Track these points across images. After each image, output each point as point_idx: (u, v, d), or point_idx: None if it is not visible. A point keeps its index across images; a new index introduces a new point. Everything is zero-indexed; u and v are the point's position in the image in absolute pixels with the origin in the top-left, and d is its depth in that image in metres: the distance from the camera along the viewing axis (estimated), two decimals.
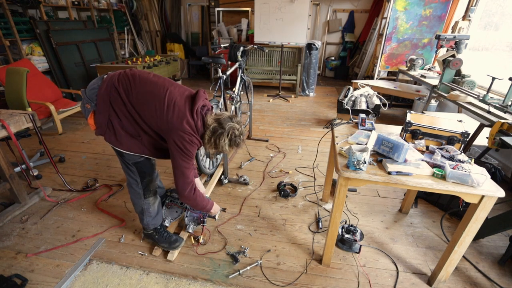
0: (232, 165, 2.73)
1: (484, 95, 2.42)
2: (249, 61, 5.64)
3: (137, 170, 1.49)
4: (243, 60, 2.84)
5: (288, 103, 4.79)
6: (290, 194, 2.24)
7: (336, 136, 1.63)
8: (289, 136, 3.41)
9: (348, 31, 6.25)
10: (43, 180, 2.46)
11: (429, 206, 2.17)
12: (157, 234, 1.69)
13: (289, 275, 1.58)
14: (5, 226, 1.91)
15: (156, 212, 1.66)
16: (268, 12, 4.54)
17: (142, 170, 1.50)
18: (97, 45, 4.84)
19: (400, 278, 1.57)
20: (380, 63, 4.49)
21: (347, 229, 1.78)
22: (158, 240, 1.69)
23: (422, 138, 1.48)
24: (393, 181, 1.23)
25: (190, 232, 1.77)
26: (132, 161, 1.45)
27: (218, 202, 2.18)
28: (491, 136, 1.78)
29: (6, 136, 1.75)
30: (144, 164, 1.49)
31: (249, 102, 3.21)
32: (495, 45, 3.43)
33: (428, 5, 3.97)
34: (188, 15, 6.77)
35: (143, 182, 1.54)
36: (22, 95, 2.51)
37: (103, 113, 1.31)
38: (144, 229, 1.72)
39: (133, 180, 1.53)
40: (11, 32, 3.60)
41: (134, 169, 1.48)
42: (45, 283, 1.52)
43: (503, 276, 1.59)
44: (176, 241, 1.70)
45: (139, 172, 1.50)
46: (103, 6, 5.27)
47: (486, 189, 1.16)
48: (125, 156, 1.42)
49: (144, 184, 1.55)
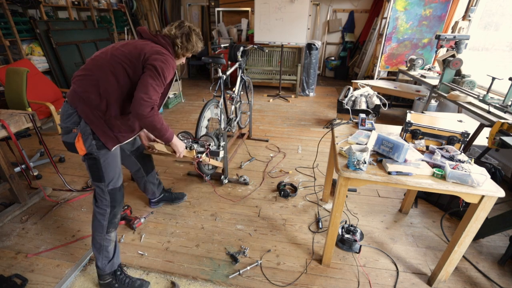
0: (232, 165, 2.73)
1: (484, 95, 2.42)
2: (249, 61, 5.64)
3: (110, 199, 1.39)
4: (243, 60, 2.84)
5: (288, 103, 4.79)
6: (290, 194, 2.24)
7: (336, 136, 1.63)
8: (289, 136, 3.41)
9: (348, 31, 6.25)
10: (43, 180, 2.46)
11: (429, 206, 2.17)
12: (116, 282, 1.47)
13: (289, 275, 1.58)
14: (5, 226, 1.91)
15: (113, 251, 1.47)
16: (268, 12, 4.54)
17: (114, 198, 1.40)
18: (97, 45, 4.84)
19: (400, 278, 1.57)
20: (380, 63, 4.49)
21: (347, 229, 1.78)
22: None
23: (422, 138, 1.48)
24: (393, 181, 1.23)
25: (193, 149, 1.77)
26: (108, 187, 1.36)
27: (218, 203, 2.18)
28: (491, 136, 1.77)
29: (6, 136, 1.75)
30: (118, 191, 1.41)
31: (249, 102, 3.21)
32: (495, 45, 3.43)
33: (428, 5, 3.97)
34: (188, 15, 6.77)
35: (111, 212, 1.41)
36: (22, 95, 2.51)
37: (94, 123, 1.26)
38: (99, 276, 1.47)
39: (102, 210, 1.40)
40: (11, 32, 3.60)
41: (108, 197, 1.38)
42: (45, 283, 1.52)
43: (503, 276, 1.59)
44: (142, 285, 1.48)
45: (111, 200, 1.40)
46: (103, 6, 5.27)
47: (486, 189, 1.16)
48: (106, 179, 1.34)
49: (111, 215, 1.42)
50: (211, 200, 2.20)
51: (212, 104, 2.36)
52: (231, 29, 5.87)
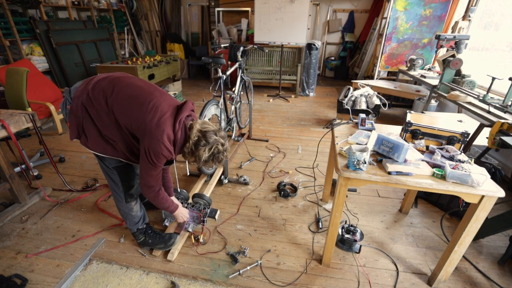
0: (232, 165, 2.73)
1: (484, 95, 2.42)
2: (249, 61, 5.64)
3: (118, 173, 1.46)
4: (243, 60, 2.84)
5: (288, 103, 4.79)
6: (290, 194, 2.24)
7: (336, 136, 1.63)
8: (289, 136, 3.41)
9: (348, 31, 6.25)
10: (43, 180, 2.46)
11: (429, 206, 2.17)
12: (149, 238, 1.68)
13: (289, 275, 1.58)
14: (5, 226, 1.91)
15: (140, 216, 1.65)
16: (268, 12, 4.54)
17: (123, 173, 1.48)
18: (97, 45, 4.84)
19: (400, 278, 1.57)
20: (380, 63, 4.49)
21: (347, 229, 1.78)
22: (153, 243, 1.68)
23: (422, 138, 1.48)
24: (393, 181, 1.23)
25: (190, 232, 1.77)
26: (112, 164, 1.43)
27: (218, 203, 2.18)
28: (491, 136, 1.78)
29: (6, 136, 1.75)
30: (125, 167, 1.46)
31: (249, 102, 3.21)
32: (495, 45, 3.43)
33: (428, 5, 3.97)
34: (188, 15, 6.77)
35: (124, 185, 1.51)
36: (22, 95, 2.51)
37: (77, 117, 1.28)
38: (133, 235, 1.71)
39: (114, 184, 1.50)
40: (11, 32, 3.60)
41: (115, 172, 1.46)
42: (45, 283, 1.52)
43: (503, 276, 1.59)
44: (171, 238, 1.68)
45: (120, 175, 1.47)
46: (103, 6, 5.28)
47: (486, 189, 1.16)
48: (106, 159, 1.40)
49: (125, 188, 1.52)
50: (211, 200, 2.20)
51: (212, 104, 2.36)
52: (231, 29, 5.87)
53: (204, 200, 1.90)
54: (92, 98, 1.24)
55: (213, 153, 1.31)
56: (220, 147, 1.31)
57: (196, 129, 1.29)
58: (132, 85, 1.28)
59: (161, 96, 1.28)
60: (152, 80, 4.13)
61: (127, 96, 1.24)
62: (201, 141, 1.28)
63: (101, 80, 1.28)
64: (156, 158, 1.25)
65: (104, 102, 1.24)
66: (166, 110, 1.25)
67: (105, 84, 1.26)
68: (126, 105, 1.23)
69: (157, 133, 1.21)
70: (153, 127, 1.21)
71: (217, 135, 1.32)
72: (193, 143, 1.28)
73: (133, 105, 1.23)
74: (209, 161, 1.32)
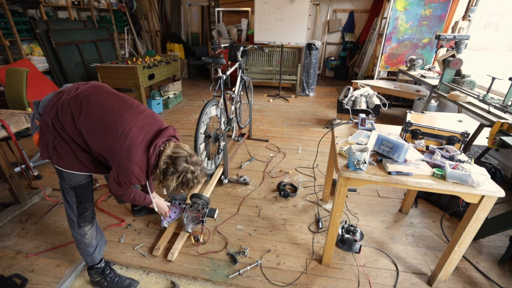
0: (232, 165, 2.73)
1: (484, 95, 2.42)
2: (249, 61, 5.64)
3: (75, 194, 1.33)
4: (243, 60, 2.84)
5: (288, 103, 4.79)
6: (290, 194, 2.24)
7: (336, 136, 1.63)
8: (289, 136, 3.41)
9: (348, 31, 6.25)
10: (43, 180, 2.46)
11: (429, 206, 2.17)
12: (105, 281, 1.48)
13: (289, 275, 1.58)
14: (5, 226, 1.91)
15: (95, 245, 1.44)
16: (268, 12, 4.54)
17: (81, 195, 1.34)
18: (97, 45, 4.85)
19: (400, 278, 1.57)
20: (380, 63, 4.49)
21: (347, 229, 1.78)
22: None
23: (422, 138, 1.48)
24: (393, 181, 1.23)
25: (189, 232, 1.77)
26: (71, 184, 1.29)
27: (218, 203, 2.18)
28: (491, 136, 1.78)
29: (6, 136, 1.75)
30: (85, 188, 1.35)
31: (249, 102, 3.21)
32: (495, 45, 3.43)
33: (428, 5, 3.98)
34: (188, 15, 6.77)
35: (78, 208, 1.36)
36: (22, 95, 2.51)
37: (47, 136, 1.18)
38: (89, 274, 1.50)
39: (68, 206, 1.36)
40: (11, 32, 3.61)
41: (72, 193, 1.32)
42: (45, 283, 1.52)
43: (503, 276, 1.59)
44: (130, 285, 1.49)
45: (77, 196, 1.34)
46: (103, 6, 5.28)
47: (486, 189, 1.16)
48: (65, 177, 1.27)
49: (79, 210, 1.37)
50: (211, 200, 2.20)
51: (212, 104, 2.36)
52: (231, 29, 5.88)
53: (202, 200, 1.90)
54: (60, 117, 1.15)
55: (182, 182, 1.23)
56: (189, 175, 1.22)
57: (165, 155, 1.20)
58: (101, 106, 1.17)
59: (133, 118, 1.17)
60: (152, 80, 4.12)
61: (95, 120, 1.14)
62: (169, 169, 1.19)
63: (71, 99, 1.17)
64: (126, 184, 1.20)
65: (72, 123, 1.14)
66: (137, 135, 1.15)
67: (74, 104, 1.15)
68: (93, 131, 1.14)
69: (126, 163, 1.13)
70: (121, 157, 1.13)
71: (188, 162, 1.22)
72: (161, 171, 1.20)
73: (100, 132, 1.13)
74: (177, 189, 1.25)
